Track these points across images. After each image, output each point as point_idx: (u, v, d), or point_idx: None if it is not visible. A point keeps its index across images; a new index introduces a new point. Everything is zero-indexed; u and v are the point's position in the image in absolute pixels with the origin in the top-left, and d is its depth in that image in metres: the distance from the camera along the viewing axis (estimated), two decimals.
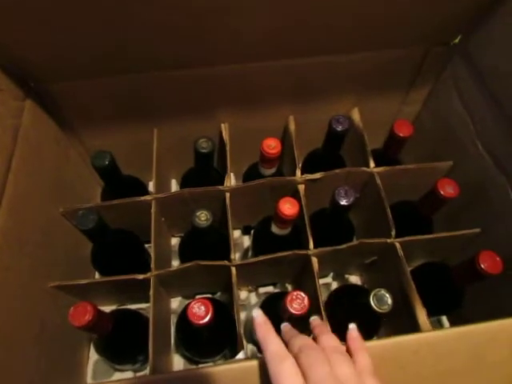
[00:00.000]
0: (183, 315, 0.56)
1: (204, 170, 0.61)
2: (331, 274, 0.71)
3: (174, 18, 0.45)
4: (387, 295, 0.45)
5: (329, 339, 0.37)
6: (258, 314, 0.40)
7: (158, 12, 0.44)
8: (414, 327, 0.50)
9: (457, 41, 0.57)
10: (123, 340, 0.52)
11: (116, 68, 0.53)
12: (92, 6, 0.42)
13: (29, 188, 0.51)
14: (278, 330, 0.49)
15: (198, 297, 0.67)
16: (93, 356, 0.61)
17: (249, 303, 0.69)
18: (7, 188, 0.46)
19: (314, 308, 0.48)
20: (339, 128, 0.54)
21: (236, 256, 0.54)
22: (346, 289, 0.63)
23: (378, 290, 0.45)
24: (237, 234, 0.74)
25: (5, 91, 0.49)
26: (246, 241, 0.76)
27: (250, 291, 0.69)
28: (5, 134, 0.48)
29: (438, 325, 0.66)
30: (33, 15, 0.42)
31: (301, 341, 0.35)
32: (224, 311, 0.55)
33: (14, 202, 0.47)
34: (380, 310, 0.44)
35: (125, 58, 0.52)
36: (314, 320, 0.44)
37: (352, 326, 0.41)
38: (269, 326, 0.38)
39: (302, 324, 0.49)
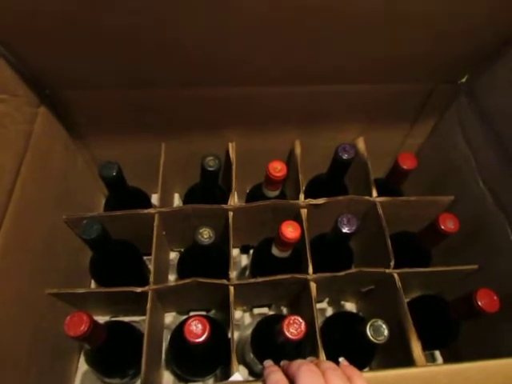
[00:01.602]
0: (178, 332, 0.55)
1: (209, 187, 0.62)
2: (326, 300, 0.71)
3: (189, 38, 0.47)
4: (384, 326, 0.45)
5: (328, 363, 0.37)
6: (268, 360, 0.43)
7: (175, 31, 0.45)
8: (408, 360, 0.50)
9: (464, 80, 0.59)
10: (115, 353, 0.52)
11: (129, 81, 0.54)
12: (110, 23, 0.43)
13: (35, 194, 0.51)
14: (272, 353, 0.49)
15: (192, 313, 0.66)
16: (82, 366, 0.60)
17: (242, 323, 0.68)
18: (15, 192, 0.47)
19: (309, 333, 0.48)
20: (345, 156, 0.55)
21: (233, 275, 0.54)
22: (343, 316, 0.63)
23: (374, 320, 0.45)
24: (235, 252, 0.75)
25: (21, 97, 0.50)
26: (244, 260, 0.76)
27: (244, 311, 0.69)
28: (17, 139, 0.49)
29: (430, 358, 0.66)
30: (54, 27, 0.43)
31: (299, 362, 0.35)
32: (218, 330, 0.55)
33: (20, 206, 0.47)
34: (376, 341, 0.44)
35: (138, 73, 0.53)
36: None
37: (342, 359, 0.41)
38: (276, 367, 0.39)
39: (294, 350, 0.49)
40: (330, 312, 0.70)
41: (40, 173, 0.52)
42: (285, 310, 0.69)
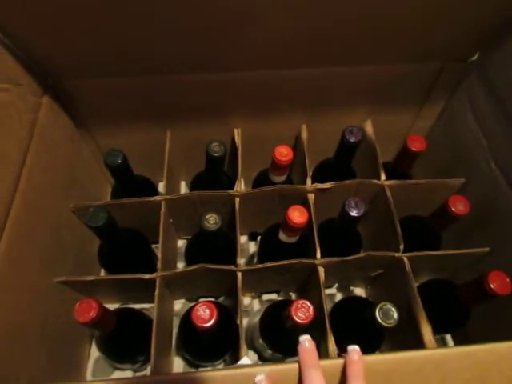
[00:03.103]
0: (187, 317, 0.56)
1: (214, 174, 0.62)
2: (336, 285, 0.71)
3: (192, 22, 0.46)
4: (393, 309, 0.44)
5: None
6: (306, 339, 0.39)
7: (177, 15, 0.44)
8: (419, 344, 0.50)
9: (474, 58, 0.57)
10: (125, 339, 0.52)
11: (133, 69, 0.54)
12: (112, 8, 0.43)
13: (41, 183, 0.51)
14: (281, 338, 0.49)
15: (201, 300, 0.67)
16: (94, 353, 0.61)
17: (251, 309, 0.68)
18: (21, 182, 0.47)
19: (318, 318, 0.48)
20: (352, 139, 0.54)
21: (241, 262, 0.54)
22: (352, 301, 0.62)
23: (384, 303, 0.45)
24: (243, 239, 0.74)
25: (24, 86, 0.50)
26: (252, 247, 0.76)
27: (253, 298, 0.69)
28: (21, 129, 0.49)
29: (441, 343, 0.65)
30: (56, 15, 0.43)
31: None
32: (227, 316, 0.55)
33: (26, 196, 0.47)
34: (385, 325, 0.44)
35: (142, 60, 0.52)
36: (352, 352, 0.37)
37: (352, 348, 0.37)
38: (315, 356, 0.37)
39: (303, 334, 0.49)
40: (339, 297, 0.70)
41: (45, 162, 0.52)
42: (294, 296, 0.69)
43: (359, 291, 0.70)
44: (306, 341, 0.39)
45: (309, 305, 0.43)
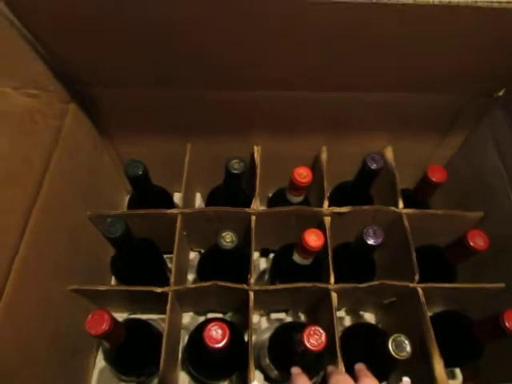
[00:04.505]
0: (197, 335, 0.55)
1: (232, 190, 0.62)
2: (344, 308, 0.70)
3: (215, 43, 0.46)
4: (406, 342, 0.44)
5: None
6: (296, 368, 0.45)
7: (201, 36, 0.45)
8: (429, 376, 0.49)
9: (501, 93, 0.57)
10: (133, 352, 0.52)
11: (158, 82, 0.54)
12: (141, 25, 0.43)
13: (62, 189, 0.52)
14: (290, 361, 0.48)
15: (210, 315, 0.66)
16: (99, 363, 0.61)
17: (259, 327, 0.68)
18: (43, 187, 0.47)
19: (328, 343, 0.47)
20: (373, 166, 0.54)
21: (253, 280, 0.54)
22: (363, 328, 0.61)
23: (397, 335, 0.44)
24: (254, 255, 0.74)
25: (52, 92, 0.51)
26: (263, 263, 0.75)
27: (261, 315, 0.68)
28: (47, 134, 0.50)
29: (450, 375, 0.64)
30: (85, 26, 0.44)
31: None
32: (237, 335, 0.55)
33: (47, 201, 0.48)
34: (398, 357, 0.43)
35: (168, 75, 0.53)
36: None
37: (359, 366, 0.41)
38: (305, 379, 0.40)
39: (313, 359, 0.48)
40: (347, 320, 0.69)
41: (68, 168, 0.53)
42: (302, 317, 0.69)
43: (369, 316, 0.70)
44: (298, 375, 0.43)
45: (321, 331, 0.43)
